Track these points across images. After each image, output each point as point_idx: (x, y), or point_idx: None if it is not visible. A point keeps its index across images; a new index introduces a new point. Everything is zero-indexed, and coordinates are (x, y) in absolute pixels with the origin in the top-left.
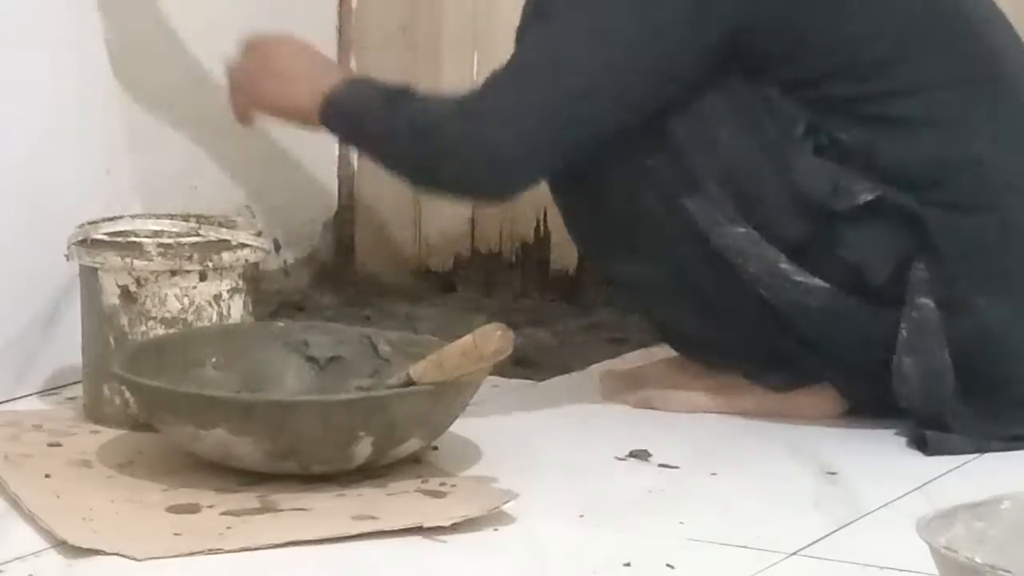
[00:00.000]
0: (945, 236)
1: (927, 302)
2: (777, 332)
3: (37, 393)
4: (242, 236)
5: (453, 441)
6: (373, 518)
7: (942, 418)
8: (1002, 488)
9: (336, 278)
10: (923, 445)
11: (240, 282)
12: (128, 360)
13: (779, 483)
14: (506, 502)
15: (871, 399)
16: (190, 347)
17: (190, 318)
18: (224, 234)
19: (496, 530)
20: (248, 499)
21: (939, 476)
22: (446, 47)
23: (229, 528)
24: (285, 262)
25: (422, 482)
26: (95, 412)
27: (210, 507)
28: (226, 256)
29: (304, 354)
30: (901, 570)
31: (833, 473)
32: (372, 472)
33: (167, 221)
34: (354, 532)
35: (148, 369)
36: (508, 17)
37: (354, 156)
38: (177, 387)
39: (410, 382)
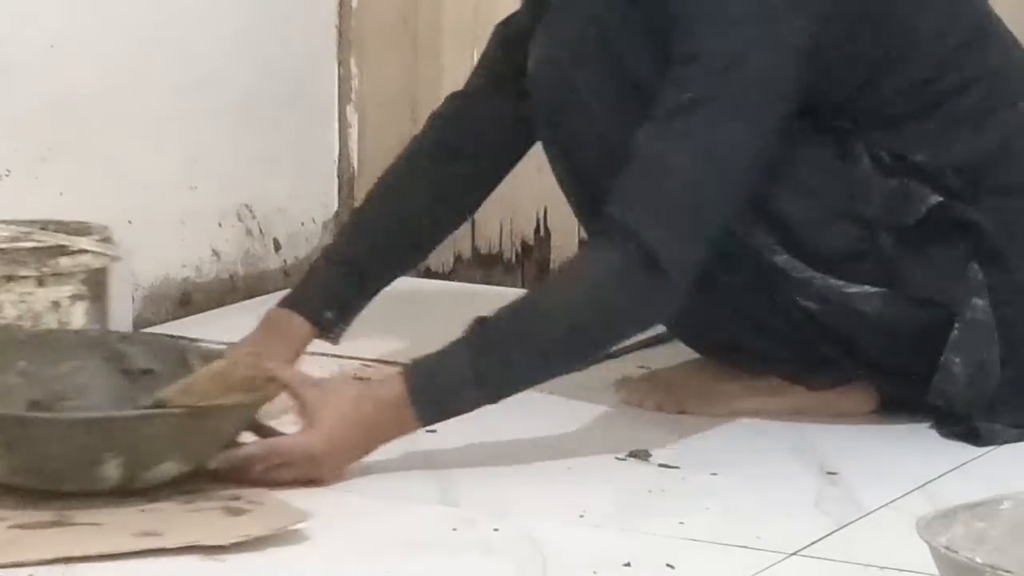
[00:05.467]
0: (1000, 230)
1: (981, 303)
2: (820, 340)
3: None
4: (83, 242)
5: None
6: (156, 535)
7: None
8: (1002, 488)
9: None
10: (975, 437)
11: (84, 288)
12: None
13: (779, 483)
14: (298, 522)
15: (904, 394)
16: (2, 351)
17: (28, 325)
18: (62, 240)
19: (496, 530)
20: (45, 513)
21: (939, 476)
22: (446, 45)
23: (10, 542)
24: (285, 262)
25: (232, 499)
26: None
27: (1, 520)
28: (64, 261)
29: (119, 366)
30: (901, 570)
31: (833, 473)
32: (182, 487)
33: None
34: (131, 549)
35: None
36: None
37: (354, 156)
38: None
39: (161, 404)
